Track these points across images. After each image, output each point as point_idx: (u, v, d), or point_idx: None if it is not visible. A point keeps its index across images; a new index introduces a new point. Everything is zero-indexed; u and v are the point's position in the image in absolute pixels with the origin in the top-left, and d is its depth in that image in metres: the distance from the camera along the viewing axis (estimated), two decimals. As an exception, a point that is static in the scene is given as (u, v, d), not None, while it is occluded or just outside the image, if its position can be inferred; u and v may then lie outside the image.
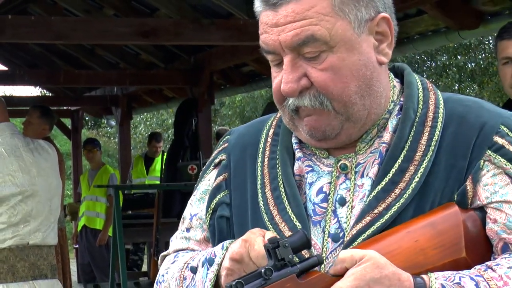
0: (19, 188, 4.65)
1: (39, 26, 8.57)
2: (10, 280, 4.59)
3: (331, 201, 1.75)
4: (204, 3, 9.10)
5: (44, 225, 4.74)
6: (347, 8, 1.67)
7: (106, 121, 24.47)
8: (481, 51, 24.58)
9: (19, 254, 4.64)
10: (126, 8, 10.51)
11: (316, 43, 1.66)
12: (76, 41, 10.73)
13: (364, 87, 1.70)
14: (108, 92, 15.01)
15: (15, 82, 14.77)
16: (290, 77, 1.69)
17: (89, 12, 11.34)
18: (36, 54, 15.07)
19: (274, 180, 1.80)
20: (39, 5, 12.73)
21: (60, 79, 13.01)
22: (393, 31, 1.74)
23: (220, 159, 1.92)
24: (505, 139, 1.70)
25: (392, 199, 1.69)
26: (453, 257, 1.63)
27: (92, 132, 28.80)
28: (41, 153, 4.86)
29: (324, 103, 1.69)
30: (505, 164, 1.69)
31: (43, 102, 14.11)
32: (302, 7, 1.65)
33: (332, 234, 1.72)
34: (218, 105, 25.68)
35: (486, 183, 1.69)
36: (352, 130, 1.74)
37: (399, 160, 1.71)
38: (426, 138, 1.72)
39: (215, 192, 1.89)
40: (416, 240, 1.63)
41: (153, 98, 14.76)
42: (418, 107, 1.76)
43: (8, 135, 4.77)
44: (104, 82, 13.56)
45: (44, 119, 7.42)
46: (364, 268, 1.55)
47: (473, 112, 1.74)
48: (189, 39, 8.53)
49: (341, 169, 1.76)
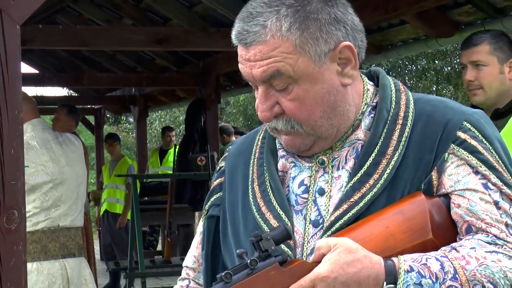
0: (50, 177, 4.65)
1: (66, 35, 8.56)
2: (42, 259, 4.59)
3: (311, 192, 1.75)
4: (210, 13, 9.09)
5: (72, 209, 4.75)
6: (307, 46, 1.66)
7: (125, 118, 24.47)
8: (456, 56, 24.53)
9: (50, 235, 4.64)
10: (142, 18, 10.50)
11: (282, 77, 1.67)
12: (99, 48, 10.74)
13: (328, 110, 1.71)
14: (127, 93, 15.01)
15: (45, 84, 14.76)
16: (264, 106, 1.71)
17: (110, 21, 11.32)
18: (63, 59, 15.07)
19: (261, 176, 1.81)
20: (66, 15, 12.73)
21: (84, 81, 13.00)
22: (356, 54, 1.72)
23: (220, 166, 1.95)
24: (467, 134, 1.70)
25: (366, 189, 1.69)
26: (420, 240, 1.62)
27: (113, 127, 28.78)
28: (68, 146, 4.87)
29: (294, 127, 1.71)
30: (467, 156, 1.68)
31: (70, 102, 14.11)
32: (268, 48, 1.66)
33: (312, 221, 1.72)
34: (224, 104, 25.68)
35: (450, 173, 1.69)
36: (323, 143, 1.75)
37: (373, 154, 1.71)
38: (397, 134, 1.72)
39: (210, 195, 1.93)
40: (387, 226, 1.62)
41: (166, 98, 14.75)
42: (391, 107, 1.76)
43: (39, 130, 4.77)
44: (123, 83, 13.55)
45: (70, 116, 7.42)
46: (338, 254, 1.55)
47: (439, 111, 1.74)
48: (197, 45, 8.51)
49: (320, 164, 1.77)
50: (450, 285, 1.56)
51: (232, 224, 1.83)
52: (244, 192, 1.83)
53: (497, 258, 1.60)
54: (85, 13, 11.91)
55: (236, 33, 1.73)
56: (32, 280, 4.54)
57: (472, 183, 1.68)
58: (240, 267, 1.58)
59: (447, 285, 1.56)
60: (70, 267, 4.72)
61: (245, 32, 1.69)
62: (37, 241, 4.61)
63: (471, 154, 1.69)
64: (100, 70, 14.04)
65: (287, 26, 1.66)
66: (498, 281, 1.58)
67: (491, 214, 1.65)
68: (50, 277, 4.63)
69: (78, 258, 4.79)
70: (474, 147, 1.69)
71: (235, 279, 1.55)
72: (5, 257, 2.55)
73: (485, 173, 1.68)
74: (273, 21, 1.66)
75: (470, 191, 1.67)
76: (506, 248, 1.62)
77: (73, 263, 4.74)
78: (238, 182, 1.86)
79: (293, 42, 1.66)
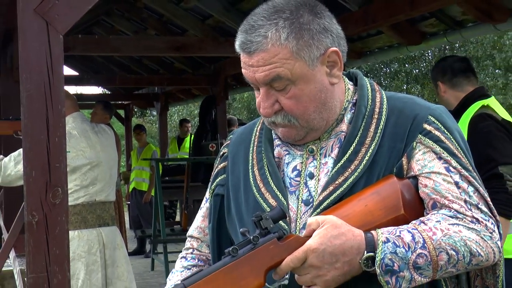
0: (88, 160, 4.65)
1: (101, 43, 8.55)
2: (82, 227, 4.59)
3: (303, 176, 1.74)
4: (220, 25, 9.07)
5: (106, 186, 4.75)
6: (302, 52, 1.66)
7: (150, 112, 24.47)
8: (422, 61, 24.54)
9: (88, 208, 4.64)
10: (163, 29, 10.48)
11: (281, 80, 1.66)
12: (127, 54, 10.72)
13: (320, 106, 1.70)
14: (151, 91, 15.00)
15: (84, 83, 14.74)
16: (265, 104, 1.70)
17: (137, 32, 11.31)
18: (99, 63, 15.06)
19: (260, 162, 1.80)
20: (100, 27, 12.72)
21: (116, 81, 13.01)
22: (341, 58, 1.72)
23: (223, 152, 1.93)
24: (432, 126, 1.70)
25: (348, 173, 1.68)
26: (394, 215, 1.62)
27: (140, 120, 28.78)
28: (103, 134, 4.86)
29: (291, 121, 1.70)
30: (432, 145, 1.68)
31: (104, 99, 14.11)
32: (269, 55, 1.65)
33: (304, 200, 1.72)
34: (231, 100, 25.70)
35: (418, 159, 1.68)
36: (314, 134, 1.74)
37: (354, 144, 1.71)
38: (373, 127, 1.72)
39: (215, 177, 1.91)
40: (366, 205, 1.62)
41: (183, 95, 14.74)
42: (368, 104, 1.75)
43: (79, 121, 4.77)
44: (148, 83, 13.54)
45: (106, 110, 7.44)
46: (325, 229, 1.55)
47: (408, 107, 1.74)
48: (209, 52, 8.51)
49: (310, 152, 1.76)
50: (420, 252, 1.56)
51: (235, 202, 1.82)
52: (245, 175, 1.82)
53: (458, 229, 1.60)
54: (117, 25, 11.91)
55: (240, 43, 1.70)
56: (74, 245, 4.55)
57: (436, 167, 1.67)
58: (244, 242, 1.57)
59: (418, 253, 1.55)
60: (105, 234, 4.73)
61: (248, 42, 1.67)
62: (77, 213, 4.62)
63: (435, 142, 1.69)
64: (129, 72, 14.03)
65: (285, 36, 1.65)
66: (460, 248, 1.58)
67: (452, 193, 1.65)
68: (89, 242, 4.64)
69: (111, 227, 4.80)
70: (438, 137, 1.69)
71: (240, 253, 1.55)
72: (51, 226, 2.56)
73: (447, 158, 1.68)
74: (273, 32, 1.65)
75: (435, 173, 1.67)
76: (465, 220, 1.62)
77: (107, 231, 4.75)
78: (240, 166, 1.85)
79: (291, 49, 1.65)
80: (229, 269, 1.54)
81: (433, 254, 1.56)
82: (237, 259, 1.55)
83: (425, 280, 1.58)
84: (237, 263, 1.55)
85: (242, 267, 1.54)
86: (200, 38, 8.90)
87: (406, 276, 1.55)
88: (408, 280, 1.56)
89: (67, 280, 2.57)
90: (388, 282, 1.54)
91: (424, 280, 1.58)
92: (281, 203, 1.71)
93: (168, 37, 9.58)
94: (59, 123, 2.56)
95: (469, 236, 1.60)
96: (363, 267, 1.55)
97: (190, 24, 9.51)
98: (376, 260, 1.54)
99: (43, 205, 2.54)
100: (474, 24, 6.42)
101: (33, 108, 2.54)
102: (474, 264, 1.61)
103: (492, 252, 1.63)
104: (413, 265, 1.55)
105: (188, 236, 1.98)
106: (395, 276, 1.54)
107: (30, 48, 2.53)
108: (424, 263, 1.56)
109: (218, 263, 1.56)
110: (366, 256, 1.55)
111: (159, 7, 9.54)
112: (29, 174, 2.54)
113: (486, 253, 1.61)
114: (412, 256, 1.55)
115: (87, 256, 4.61)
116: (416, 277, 1.56)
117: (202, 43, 8.42)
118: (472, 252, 1.59)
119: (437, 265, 1.57)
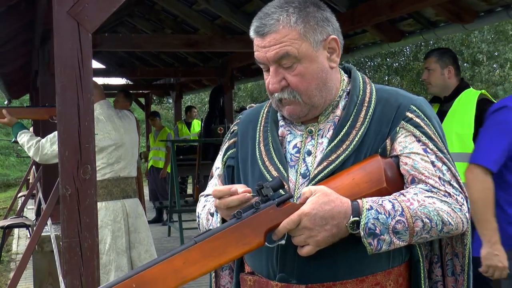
0: (113, 141, 4.64)
1: (124, 40, 8.53)
2: (108, 199, 4.60)
3: (302, 152, 1.74)
4: (227, 25, 9.05)
5: (129, 164, 4.75)
6: (308, 34, 1.66)
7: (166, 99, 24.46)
8: (402, 56, 24.48)
9: (114, 182, 4.65)
10: (178, 28, 10.45)
11: (289, 58, 1.66)
12: (147, 49, 10.75)
13: (321, 84, 1.70)
14: (168, 82, 14.99)
15: (109, 75, 14.78)
16: (274, 80, 1.69)
17: (155, 31, 11.28)
18: (122, 58, 15.04)
19: (266, 139, 1.80)
20: (124, 27, 12.68)
21: (138, 73, 12.99)
22: (340, 45, 1.73)
23: (233, 129, 1.93)
24: (413, 114, 1.70)
25: (340, 151, 1.68)
26: (377, 187, 1.63)
27: (158, 106, 28.77)
28: (126, 119, 4.86)
29: (296, 97, 1.70)
30: (412, 129, 1.68)
31: (127, 88, 14.11)
32: (280, 36, 1.65)
33: (302, 173, 1.71)
34: (236, 89, 25.67)
35: (400, 141, 1.68)
36: (315, 111, 1.74)
37: (346, 127, 1.71)
38: (363, 113, 1.72)
39: (227, 150, 1.90)
40: (353, 178, 1.62)
41: (195, 85, 14.74)
42: (359, 93, 1.75)
43: (105, 108, 4.76)
44: (165, 75, 13.53)
45: (126, 98, 7.37)
46: (317, 196, 1.55)
47: (393, 97, 1.74)
48: (218, 48, 8.49)
49: (309, 133, 1.76)
50: (398, 219, 1.56)
51: (243, 173, 1.82)
52: (252, 150, 1.81)
53: (432, 201, 1.60)
54: (138, 25, 11.89)
55: (255, 28, 1.70)
56: (101, 214, 4.56)
57: (415, 148, 1.67)
58: (248, 207, 1.58)
59: (397, 219, 1.56)
60: (128, 205, 4.74)
61: (263, 26, 1.68)
62: (104, 187, 4.63)
63: (416, 128, 1.69)
64: (148, 66, 14.02)
65: (294, 19, 1.66)
66: (433, 217, 1.58)
67: (428, 170, 1.65)
68: (114, 212, 4.66)
69: (133, 198, 4.81)
70: (418, 123, 1.69)
71: (244, 216, 1.56)
72: (82, 198, 2.56)
73: (425, 141, 1.68)
74: (284, 16, 1.66)
75: (414, 153, 1.67)
76: (439, 194, 1.62)
77: (130, 202, 4.76)
78: (248, 142, 1.84)
79: (299, 31, 1.66)
80: (234, 229, 1.55)
81: (410, 221, 1.57)
82: (241, 221, 1.56)
83: (403, 243, 1.58)
84: (240, 224, 1.55)
85: (245, 228, 1.55)
86: (210, 36, 8.88)
87: (386, 239, 1.56)
88: (388, 243, 1.56)
89: (96, 244, 2.58)
90: (371, 244, 1.55)
91: (401, 244, 1.58)
92: (282, 175, 1.71)
93: (182, 35, 9.56)
94: (88, 110, 2.56)
95: (442, 207, 1.60)
96: (349, 230, 1.55)
97: (201, 24, 9.49)
98: (360, 224, 1.54)
99: (75, 180, 2.55)
100: (446, 24, 6.41)
101: (66, 96, 2.54)
102: (445, 231, 1.62)
103: (461, 222, 1.63)
104: (392, 230, 1.56)
105: (200, 196, 1.97)
106: (377, 239, 1.55)
107: (63, 45, 2.53)
108: (402, 228, 1.56)
109: (225, 224, 1.57)
110: (352, 221, 1.55)
111: (174, 9, 9.52)
112: (62, 153, 2.55)
113: (456, 223, 1.62)
114: (392, 222, 1.56)
115: (113, 224, 4.63)
116: (395, 241, 1.57)
117: (211, 40, 8.40)
118: (443, 221, 1.60)
119: (413, 231, 1.57)
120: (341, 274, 1.64)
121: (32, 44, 7.89)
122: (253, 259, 1.76)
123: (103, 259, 4.55)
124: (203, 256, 1.52)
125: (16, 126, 4.72)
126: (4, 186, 20.79)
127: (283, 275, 1.67)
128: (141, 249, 4.76)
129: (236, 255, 1.55)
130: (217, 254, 1.53)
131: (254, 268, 1.76)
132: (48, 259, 5.51)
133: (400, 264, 1.70)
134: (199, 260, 1.52)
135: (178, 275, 1.50)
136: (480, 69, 22.29)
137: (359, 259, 1.64)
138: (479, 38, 21.46)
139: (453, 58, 3.99)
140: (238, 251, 1.55)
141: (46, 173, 6.83)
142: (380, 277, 1.66)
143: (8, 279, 7.23)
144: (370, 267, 1.65)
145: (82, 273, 2.56)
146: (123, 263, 4.62)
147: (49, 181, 6.40)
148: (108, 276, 4.54)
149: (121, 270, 4.59)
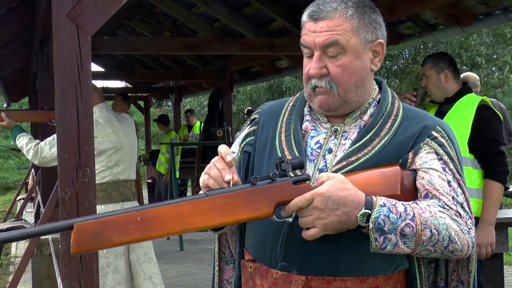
0: (112, 144, 4.63)
1: (123, 43, 8.52)
2: (108, 202, 4.59)
3: (323, 149, 1.75)
4: (226, 28, 9.06)
5: (128, 167, 4.74)
6: (361, 30, 1.69)
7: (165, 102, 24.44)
8: (401, 58, 24.51)
9: (113, 186, 4.64)
10: (177, 31, 10.46)
11: (337, 46, 1.68)
12: (146, 52, 10.72)
13: (360, 82, 1.72)
14: (167, 84, 14.98)
15: (108, 78, 14.81)
16: (316, 65, 1.70)
17: (155, 34, 11.29)
18: (121, 61, 15.03)
19: (288, 130, 1.80)
20: (123, 29, 12.69)
21: (137, 76, 12.97)
22: (384, 52, 1.76)
23: (255, 117, 1.93)
24: (438, 133, 1.72)
25: (361, 155, 1.70)
26: (391, 193, 1.64)
27: (157, 109, 28.74)
28: (125, 122, 4.85)
29: (332, 87, 1.71)
30: (436, 147, 1.71)
31: (126, 91, 14.11)
32: (333, 24, 1.68)
33: (320, 169, 1.72)
34: (235, 92, 25.66)
35: (421, 156, 1.70)
36: (346, 108, 1.75)
37: (370, 133, 1.72)
38: (389, 125, 1.74)
39: (245, 137, 1.90)
40: (370, 178, 1.64)
41: (194, 88, 14.73)
42: (388, 105, 1.78)
43: (105, 111, 4.75)
44: (164, 78, 13.53)
45: (124, 101, 7.38)
46: (334, 181, 1.57)
47: (421, 116, 1.77)
48: (217, 50, 8.47)
49: (334, 131, 1.77)
50: (408, 223, 1.57)
51: (258, 161, 1.82)
52: (272, 139, 1.82)
53: (443, 216, 1.61)
54: (137, 28, 11.89)
55: (310, 12, 1.72)
56: (100, 217, 4.56)
57: (435, 165, 1.69)
58: (264, 177, 1.60)
59: (406, 222, 1.57)
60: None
61: (319, 11, 1.69)
62: (104, 190, 4.62)
63: (439, 146, 1.71)
64: (148, 69, 14.01)
65: (351, 13, 1.68)
66: (441, 231, 1.59)
67: (444, 188, 1.67)
68: (113, 215, 4.65)
69: (132, 201, 4.80)
70: (442, 143, 1.72)
71: (259, 184, 1.58)
72: (81, 201, 2.56)
73: (446, 160, 1.70)
74: (342, 7, 1.69)
75: (433, 170, 1.69)
76: (451, 212, 1.64)
77: (129, 205, 4.74)
78: (269, 131, 1.84)
79: (352, 25, 1.68)
80: (248, 192, 1.56)
81: (419, 228, 1.57)
82: (255, 187, 1.57)
83: (407, 250, 1.59)
84: (254, 190, 1.57)
85: (258, 194, 1.57)
86: (209, 39, 8.89)
87: (392, 239, 1.56)
88: (393, 244, 1.56)
89: (95, 247, 2.57)
90: (377, 239, 1.55)
91: (405, 249, 1.58)
92: (302, 158, 1.70)
93: (181, 38, 9.55)
94: (88, 112, 2.56)
95: (451, 224, 1.61)
96: (358, 221, 1.56)
97: (200, 27, 9.49)
98: (371, 217, 1.55)
99: (74, 183, 2.55)
100: (445, 27, 6.42)
101: (66, 99, 2.53)
102: (450, 250, 1.62)
103: (467, 245, 1.64)
104: (400, 232, 1.56)
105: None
106: (383, 236, 1.55)
107: (62, 48, 2.53)
108: (410, 233, 1.57)
109: (239, 186, 1.58)
110: (363, 212, 1.55)
111: (173, 12, 9.53)
112: (62, 156, 2.54)
113: (462, 244, 1.62)
114: (402, 224, 1.56)
115: (112, 227, 4.62)
116: (400, 244, 1.57)
117: (210, 43, 8.39)
118: (451, 238, 1.60)
119: (420, 238, 1.58)
120: (342, 270, 1.65)
121: (31, 47, 7.91)
122: (256, 246, 1.77)
123: (101, 262, 4.54)
124: (211, 209, 1.54)
125: (15, 129, 4.72)
126: (3, 189, 20.76)
127: (285, 264, 1.68)
128: (140, 252, 4.75)
129: (243, 217, 1.57)
130: (226, 211, 1.54)
131: (256, 256, 1.77)
132: (47, 262, 5.51)
133: (400, 271, 1.71)
134: (207, 212, 1.53)
135: (183, 221, 1.51)
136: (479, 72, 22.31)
137: (362, 258, 1.65)
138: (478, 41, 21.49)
139: (449, 61, 4.00)
140: (246, 213, 1.56)
141: (45, 176, 6.83)
142: (380, 281, 1.67)
143: (7, 282, 7.22)
144: (372, 268, 1.66)
145: (81, 276, 2.56)
146: (120, 265, 4.61)
147: (48, 184, 6.40)
148: (105, 279, 4.53)
149: (118, 273, 4.59)
